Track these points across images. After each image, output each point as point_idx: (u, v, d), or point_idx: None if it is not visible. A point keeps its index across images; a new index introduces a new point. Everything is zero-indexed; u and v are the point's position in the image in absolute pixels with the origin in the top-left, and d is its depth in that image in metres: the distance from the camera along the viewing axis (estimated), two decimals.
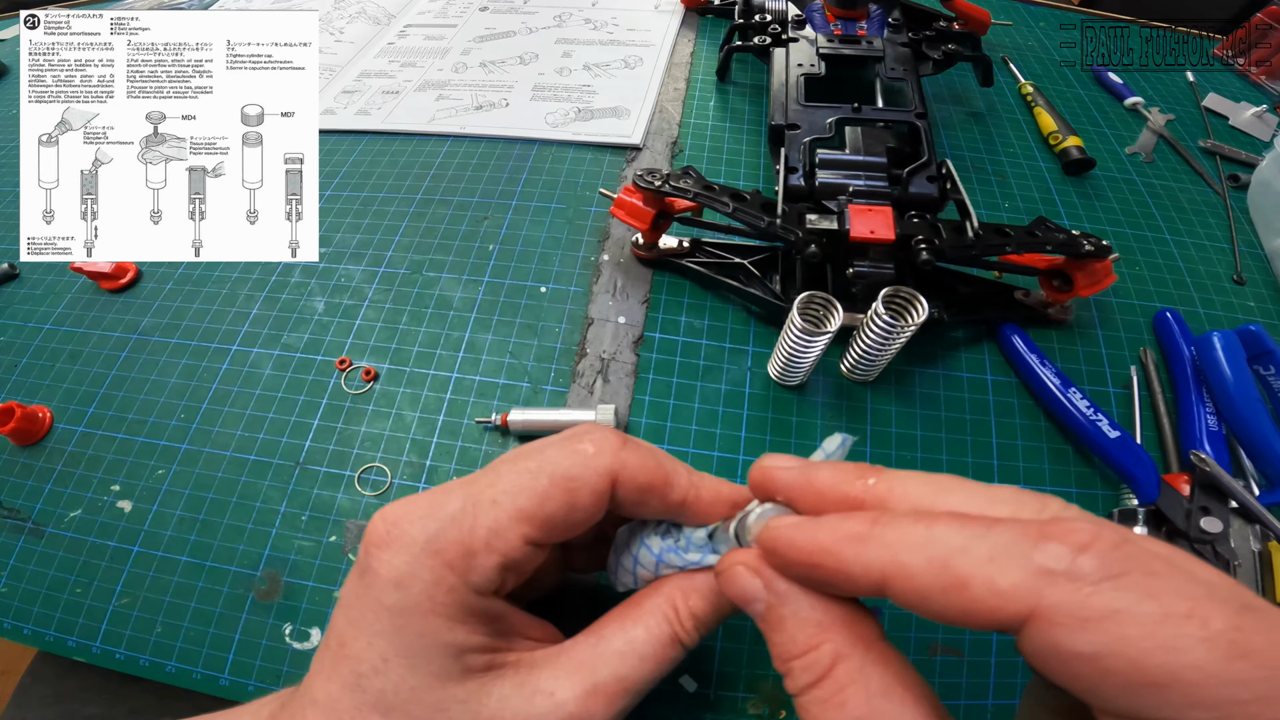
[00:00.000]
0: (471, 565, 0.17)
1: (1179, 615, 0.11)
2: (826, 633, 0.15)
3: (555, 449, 0.19)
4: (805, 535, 0.15)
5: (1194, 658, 0.10)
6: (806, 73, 0.44)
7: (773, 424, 0.34)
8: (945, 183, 0.36)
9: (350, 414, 0.35)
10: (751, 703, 0.27)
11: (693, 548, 0.19)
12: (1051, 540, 0.12)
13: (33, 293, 0.42)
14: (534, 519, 0.18)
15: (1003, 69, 0.55)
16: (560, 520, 0.18)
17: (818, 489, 0.16)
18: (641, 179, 0.35)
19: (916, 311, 0.30)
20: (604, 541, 0.23)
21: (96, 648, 0.29)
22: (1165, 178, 0.47)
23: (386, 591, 0.17)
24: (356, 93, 0.54)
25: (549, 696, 0.17)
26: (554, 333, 0.37)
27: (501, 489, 0.18)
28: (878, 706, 0.14)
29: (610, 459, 0.18)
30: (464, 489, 0.18)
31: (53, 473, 0.34)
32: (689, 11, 0.62)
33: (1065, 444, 0.33)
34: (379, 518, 0.18)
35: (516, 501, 0.18)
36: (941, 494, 0.15)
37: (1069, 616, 0.11)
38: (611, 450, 0.18)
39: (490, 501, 0.18)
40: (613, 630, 0.19)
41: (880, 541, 0.14)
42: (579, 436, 0.19)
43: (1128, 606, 0.11)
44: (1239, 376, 0.32)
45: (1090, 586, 0.11)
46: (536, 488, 0.18)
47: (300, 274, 0.41)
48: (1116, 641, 0.11)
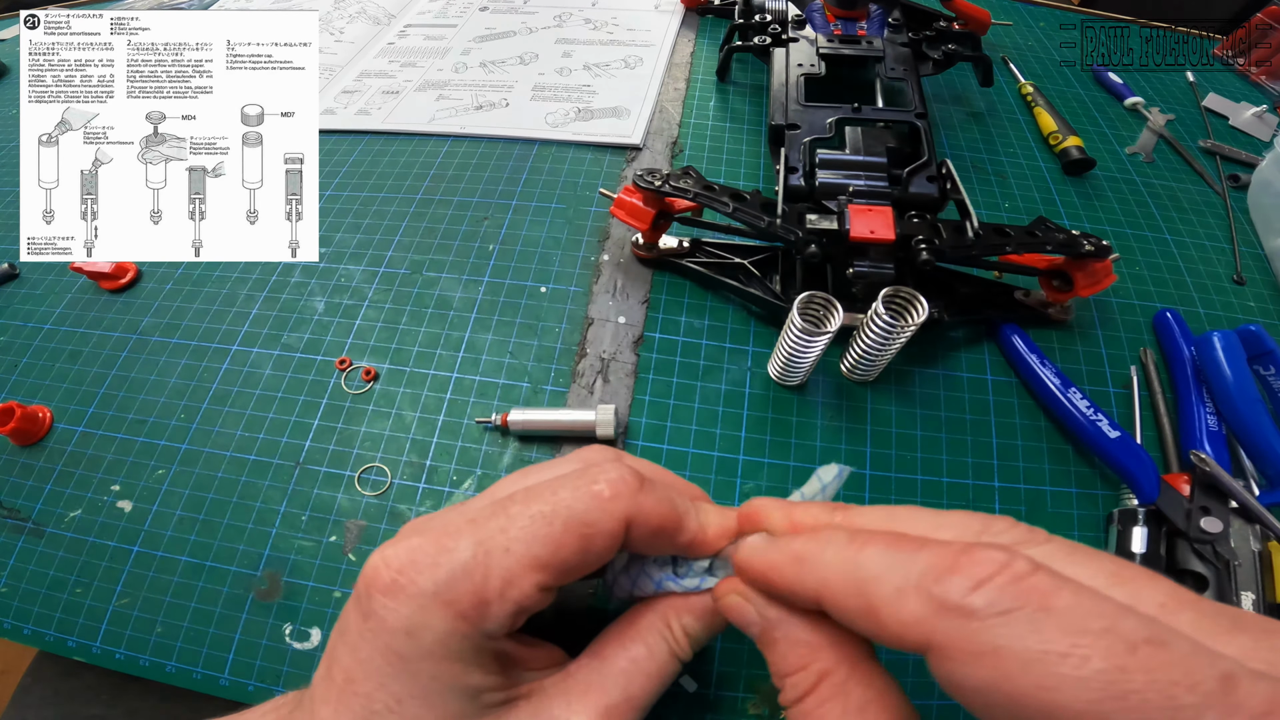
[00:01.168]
0: (485, 614, 0.17)
1: (1057, 654, 0.11)
2: (815, 653, 0.16)
3: (569, 491, 0.18)
4: (759, 554, 0.17)
5: (1067, 697, 0.11)
6: (806, 73, 0.44)
7: (773, 424, 0.34)
8: (945, 183, 0.36)
9: (350, 414, 0.35)
10: (751, 703, 0.27)
11: (691, 574, 0.20)
12: (956, 572, 0.13)
13: (33, 293, 0.42)
14: (548, 567, 0.17)
15: (1003, 69, 0.55)
16: (574, 566, 0.18)
17: (796, 523, 0.18)
18: (641, 179, 0.35)
19: (916, 311, 0.30)
20: None
21: (96, 648, 0.29)
22: (1165, 178, 0.47)
23: (396, 638, 0.17)
24: (356, 93, 0.54)
25: None
26: (554, 333, 0.37)
27: (514, 536, 0.17)
28: None
29: (627, 504, 0.18)
30: (473, 532, 0.17)
31: (53, 473, 0.34)
32: (689, 11, 0.62)
33: (1065, 444, 0.33)
34: (381, 561, 0.17)
35: (530, 550, 0.17)
36: (892, 520, 0.16)
37: (959, 650, 0.12)
38: (629, 494, 0.18)
39: (503, 550, 0.17)
40: (614, 650, 0.19)
41: (816, 562, 0.15)
42: (593, 476, 0.18)
43: (1009, 644, 0.11)
44: (1239, 376, 0.32)
45: (978, 622, 0.12)
46: (551, 535, 0.17)
47: (300, 274, 0.41)
48: (999, 677, 0.11)
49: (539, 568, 0.17)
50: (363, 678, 0.17)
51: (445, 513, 0.19)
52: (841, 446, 0.33)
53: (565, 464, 0.20)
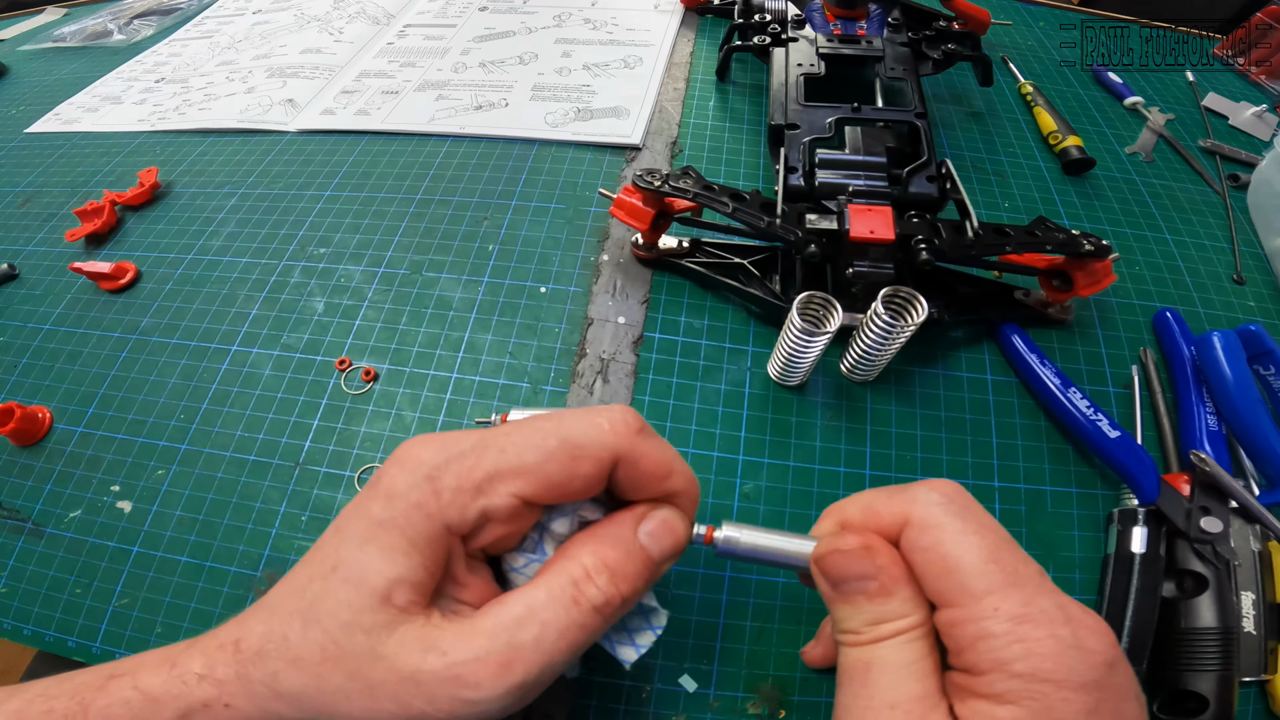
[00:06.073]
0: (456, 501, 0.18)
1: (970, 532, 0.17)
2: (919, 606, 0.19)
3: (574, 418, 0.20)
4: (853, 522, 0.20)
5: (969, 558, 0.17)
6: (806, 72, 0.44)
7: (773, 424, 0.34)
8: (945, 182, 0.36)
9: (350, 414, 0.35)
10: (751, 703, 0.27)
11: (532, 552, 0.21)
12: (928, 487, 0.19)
13: (33, 293, 0.42)
14: (532, 475, 0.19)
15: (1003, 69, 0.55)
16: (558, 484, 0.19)
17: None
18: (641, 179, 0.35)
19: (916, 311, 0.30)
20: None
21: (96, 648, 0.29)
22: (1165, 177, 0.47)
23: (376, 502, 0.19)
24: (356, 93, 0.54)
25: (441, 655, 0.17)
26: (554, 333, 0.37)
27: (513, 440, 0.19)
28: None
29: (621, 440, 0.19)
30: (481, 434, 0.20)
31: (53, 473, 0.34)
32: (688, 11, 0.62)
33: (1065, 444, 0.33)
34: (405, 442, 0.20)
35: (522, 456, 0.19)
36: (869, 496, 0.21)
37: (920, 522, 0.18)
38: (626, 434, 0.19)
39: (498, 449, 0.19)
40: (516, 595, 0.19)
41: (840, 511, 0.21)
42: (601, 412, 0.20)
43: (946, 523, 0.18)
44: (1239, 376, 0.31)
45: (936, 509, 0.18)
46: (545, 446, 0.19)
47: (300, 274, 0.41)
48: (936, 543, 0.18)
49: (523, 473, 0.19)
50: (325, 541, 0.19)
51: None
52: (841, 446, 0.33)
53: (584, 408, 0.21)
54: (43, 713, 0.18)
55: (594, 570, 0.19)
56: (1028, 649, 0.15)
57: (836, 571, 0.19)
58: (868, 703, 0.17)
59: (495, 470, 0.19)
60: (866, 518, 0.19)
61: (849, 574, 0.19)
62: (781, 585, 0.29)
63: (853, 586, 0.19)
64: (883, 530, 0.19)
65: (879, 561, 0.18)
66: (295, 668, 0.18)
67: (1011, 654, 0.15)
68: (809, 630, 0.28)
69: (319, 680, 0.18)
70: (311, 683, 0.18)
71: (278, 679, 0.18)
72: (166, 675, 0.19)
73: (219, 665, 0.18)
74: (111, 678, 0.19)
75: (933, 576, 0.17)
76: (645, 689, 0.27)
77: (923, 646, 0.18)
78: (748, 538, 0.21)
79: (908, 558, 0.18)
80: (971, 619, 0.16)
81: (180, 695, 0.18)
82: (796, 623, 0.29)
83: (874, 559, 0.18)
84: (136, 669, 0.19)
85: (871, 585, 0.18)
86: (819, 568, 0.20)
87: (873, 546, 0.19)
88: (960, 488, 0.19)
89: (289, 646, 0.18)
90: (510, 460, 0.19)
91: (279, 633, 0.18)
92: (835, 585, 0.19)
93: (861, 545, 0.19)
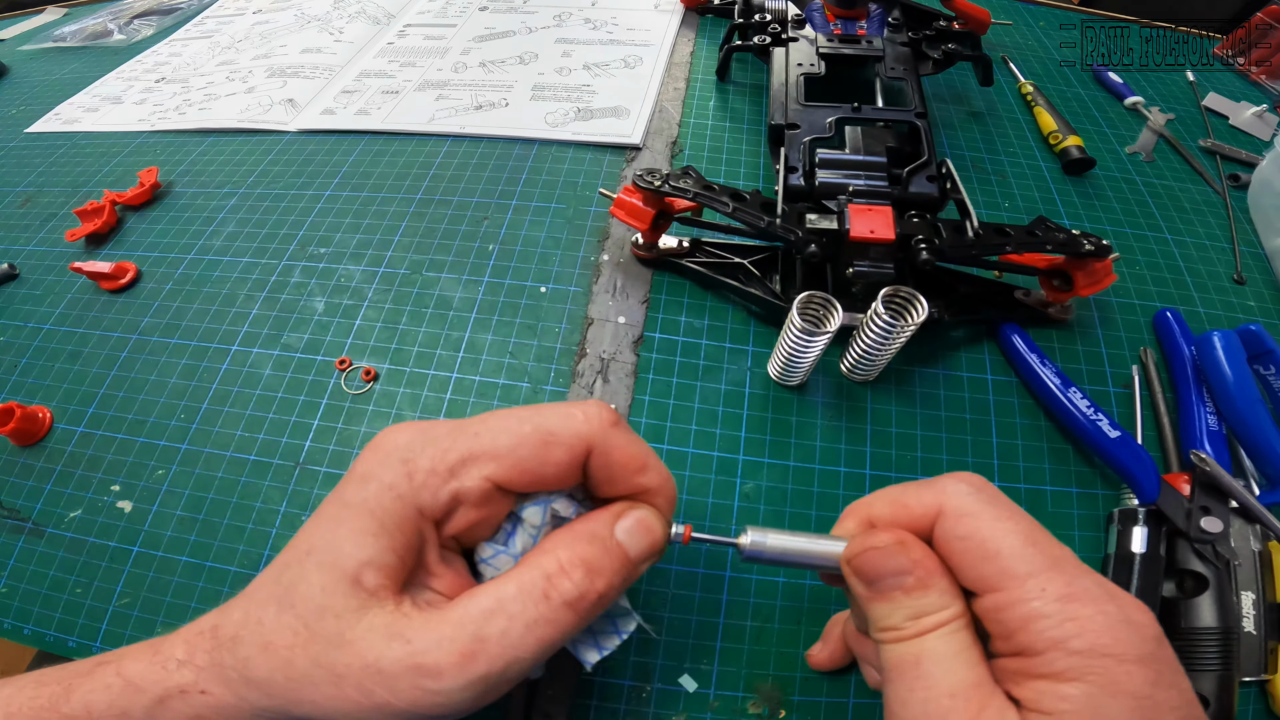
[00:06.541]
0: (429, 483, 0.19)
1: (1005, 519, 0.17)
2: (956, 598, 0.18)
3: (551, 409, 0.20)
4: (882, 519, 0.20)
5: (1009, 542, 0.17)
6: (806, 72, 0.44)
7: (773, 424, 0.34)
8: (945, 182, 0.36)
9: (350, 414, 0.35)
10: (752, 702, 0.27)
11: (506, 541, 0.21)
12: (955, 479, 0.19)
13: (33, 293, 0.42)
14: (504, 459, 0.19)
15: (1003, 68, 0.55)
16: (530, 469, 0.19)
17: None
18: (641, 179, 0.35)
19: (916, 311, 0.30)
20: None
21: (97, 647, 0.29)
22: (1165, 177, 0.47)
23: (350, 485, 0.19)
24: (356, 93, 0.54)
25: (406, 644, 0.17)
26: (554, 333, 0.37)
27: (487, 425, 0.20)
28: None
29: (594, 429, 0.20)
30: (459, 421, 0.20)
31: (53, 473, 0.34)
32: (689, 11, 0.62)
33: (1065, 444, 0.33)
34: (384, 429, 0.20)
35: (496, 439, 0.19)
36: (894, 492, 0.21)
37: (955, 511, 0.18)
38: (600, 424, 0.20)
39: (473, 433, 0.19)
40: (487, 588, 0.19)
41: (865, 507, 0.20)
42: (578, 404, 0.20)
43: (981, 511, 0.18)
44: (1239, 376, 0.31)
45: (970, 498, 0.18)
46: (519, 431, 0.19)
47: (300, 274, 0.41)
48: (974, 530, 0.18)
49: (496, 456, 0.19)
50: (307, 526, 0.19)
51: None
52: (841, 446, 0.33)
53: None
54: (30, 697, 0.19)
55: (568, 565, 0.19)
56: (1081, 626, 0.15)
57: (872, 569, 0.19)
58: (925, 694, 0.17)
59: (469, 453, 0.19)
60: (895, 512, 0.19)
61: (885, 571, 0.18)
62: (781, 585, 0.29)
63: (890, 583, 0.18)
64: (912, 524, 0.19)
65: (914, 555, 0.18)
66: (265, 653, 0.18)
67: (1066, 631, 0.15)
68: (809, 630, 0.28)
69: (287, 666, 0.18)
70: (280, 668, 0.18)
71: (249, 665, 0.18)
72: (148, 662, 0.19)
73: (198, 652, 0.19)
74: (100, 664, 0.20)
75: (972, 564, 0.17)
76: (645, 689, 0.27)
77: (967, 636, 0.17)
78: (774, 541, 0.20)
79: (943, 548, 0.18)
80: (1019, 600, 0.16)
81: (159, 681, 0.19)
82: (796, 623, 0.29)
83: (909, 553, 0.18)
84: (123, 656, 0.20)
85: (909, 580, 0.18)
86: (852, 567, 0.19)
87: (906, 541, 0.19)
88: (984, 479, 0.19)
89: (262, 631, 0.18)
90: (484, 444, 0.19)
91: (254, 617, 0.19)
92: (871, 584, 0.19)
93: (896, 541, 0.18)
